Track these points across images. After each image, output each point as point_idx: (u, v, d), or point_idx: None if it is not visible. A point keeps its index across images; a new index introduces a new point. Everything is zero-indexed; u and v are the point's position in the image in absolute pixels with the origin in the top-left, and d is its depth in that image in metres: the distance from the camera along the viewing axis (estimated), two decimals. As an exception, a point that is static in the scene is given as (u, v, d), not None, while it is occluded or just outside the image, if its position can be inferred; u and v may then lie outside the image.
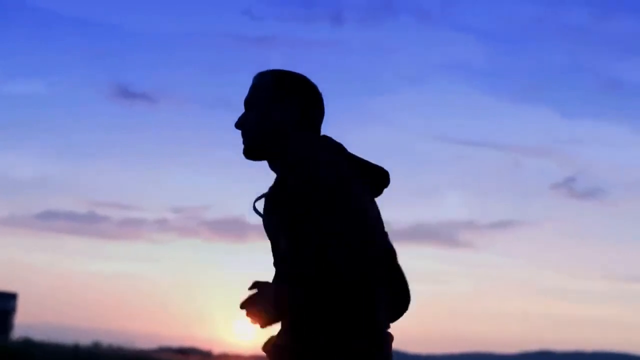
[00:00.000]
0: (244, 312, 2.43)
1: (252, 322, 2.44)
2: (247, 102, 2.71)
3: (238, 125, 2.69)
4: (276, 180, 2.52)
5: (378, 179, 2.64)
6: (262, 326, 2.43)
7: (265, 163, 2.68)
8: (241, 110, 2.71)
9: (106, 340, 26.64)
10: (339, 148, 2.62)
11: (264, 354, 2.58)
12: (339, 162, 2.54)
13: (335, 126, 2.75)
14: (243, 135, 2.69)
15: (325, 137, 2.66)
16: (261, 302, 2.40)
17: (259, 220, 2.59)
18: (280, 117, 2.63)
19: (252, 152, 2.68)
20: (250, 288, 2.43)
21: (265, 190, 2.56)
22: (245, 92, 2.72)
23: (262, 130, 2.64)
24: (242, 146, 2.69)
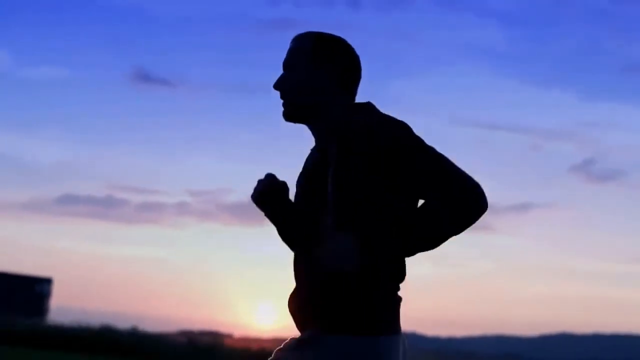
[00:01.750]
0: (265, 293, 2.75)
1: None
2: (286, 64, 2.72)
3: (277, 86, 2.70)
4: (339, 135, 2.60)
5: None
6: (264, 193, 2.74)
7: (288, 151, 2.94)
8: (259, 92, 2.90)
9: (125, 323, 26.96)
10: (381, 113, 2.65)
11: (284, 336, 2.70)
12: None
13: None
14: (282, 97, 2.70)
15: (369, 103, 2.69)
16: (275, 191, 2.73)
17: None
18: (321, 80, 2.65)
19: (293, 115, 2.69)
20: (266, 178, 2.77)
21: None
22: (263, 75, 2.81)
23: (303, 93, 2.66)
24: (271, 129, 2.85)
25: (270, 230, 2.79)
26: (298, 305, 2.63)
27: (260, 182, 2.72)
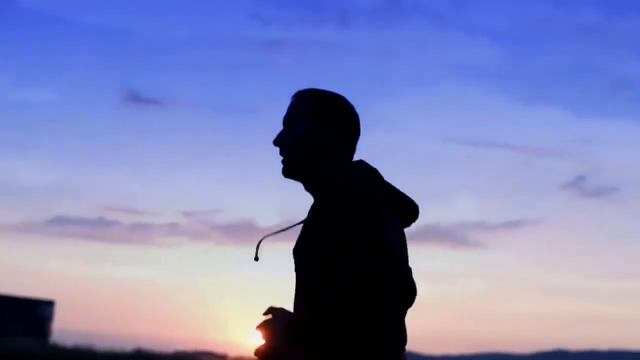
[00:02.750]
0: (257, 313, 2.45)
1: (262, 346, 2.44)
2: (287, 120, 2.70)
3: (276, 142, 2.69)
4: (321, 197, 2.56)
5: (408, 210, 2.63)
6: (265, 353, 2.43)
7: (289, 183, 2.69)
8: (247, 114, 2.75)
9: (119, 344, 26.92)
10: (374, 173, 2.61)
11: None
12: (376, 188, 2.54)
13: None
14: (282, 153, 2.68)
15: (361, 161, 2.65)
16: (273, 330, 2.42)
17: (270, 223, 2.71)
18: (321, 137, 2.64)
19: (292, 171, 2.67)
20: (265, 313, 2.45)
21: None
22: (254, 95, 2.72)
23: (303, 150, 2.65)
24: (263, 150, 2.67)
25: (263, 250, 2.72)
26: None
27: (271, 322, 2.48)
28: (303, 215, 2.67)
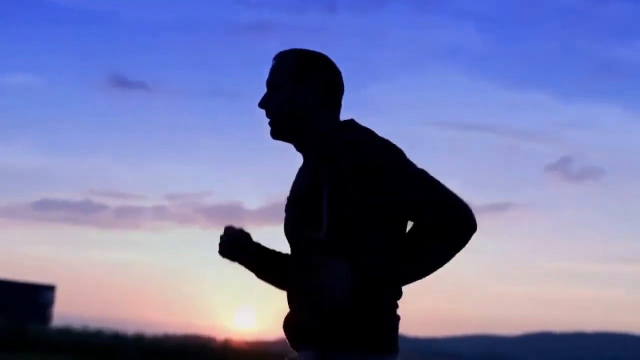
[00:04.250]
0: (244, 297, 2.76)
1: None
2: (270, 82, 2.71)
3: (261, 104, 2.71)
4: (321, 137, 2.62)
5: None
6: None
7: (266, 156, 2.92)
8: (233, 98, 2.96)
9: (109, 328, 27.07)
10: (366, 129, 2.63)
11: (266, 340, 2.86)
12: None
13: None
14: (268, 115, 2.70)
15: (352, 120, 2.68)
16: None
17: (256, 206, 2.83)
18: (305, 97, 2.65)
19: (279, 133, 2.70)
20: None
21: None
22: (239, 79, 2.92)
23: (288, 111, 2.66)
24: (249, 133, 2.87)
25: (250, 233, 2.79)
26: (296, 326, 2.62)
27: (221, 238, 2.76)
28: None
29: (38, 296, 38.23)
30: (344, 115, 2.72)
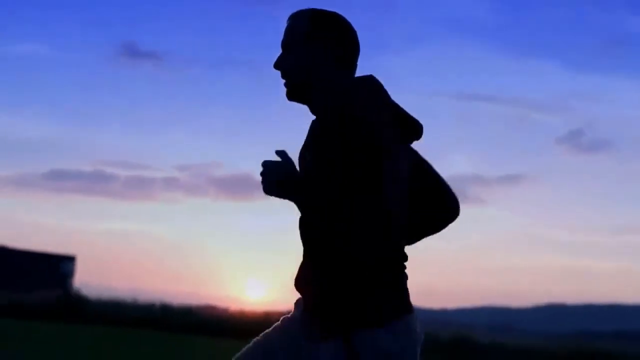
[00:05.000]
0: (254, 266, 2.75)
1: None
2: (284, 43, 2.70)
3: (276, 65, 2.69)
4: (327, 110, 2.56)
5: (412, 129, 2.64)
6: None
7: (277, 124, 2.88)
8: (243, 68, 3.03)
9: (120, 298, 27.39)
10: (380, 90, 2.57)
11: (276, 310, 2.93)
12: (380, 107, 2.52)
13: None
14: (283, 76, 2.68)
15: (370, 77, 2.61)
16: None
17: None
18: (320, 57, 2.64)
19: (295, 93, 2.67)
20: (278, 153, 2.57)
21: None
22: (251, 50, 2.93)
23: (303, 71, 2.64)
24: (259, 103, 2.92)
25: (260, 204, 2.76)
26: (314, 300, 2.60)
27: (270, 168, 2.55)
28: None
29: (58, 266, 38.53)
30: None
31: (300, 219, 2.61)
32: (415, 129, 2.64)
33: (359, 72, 2.70)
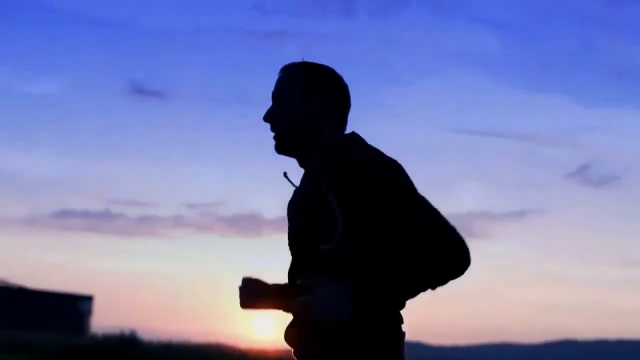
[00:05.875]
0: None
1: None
2: (276, 95, 2.64)
3: (266, 118, 2.63)
4: (331, 155, 2.55)
5: None
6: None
7: (284, 161, 2.67)
8: (254, 103, 2.91)
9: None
10: (370, 147, 2.58)
11: (287, 348, 2.60)
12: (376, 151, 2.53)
13: (350, 120, 2.69)
14: (273, 129, 2.63)
15: (354, 133, 2.62)
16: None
17: (275, 214, 2.74)
18: (311, 112, 2.58)
19: (284, 147, 2.62)
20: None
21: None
22: (258, 86, 2.88)
23: (294, 125, 2.59)
24: (260, 141, 2.64)
25: (266, 242, 2.72)
26: (298, 347, 2.59)
27: (241, 290, 2.63)
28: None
29: (75, 306, 38.49)
30: (355, 124, 2.68)
31: (289, 273, 2.62)
32: None
33: (367, 108, 2.68)
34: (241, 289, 2.62)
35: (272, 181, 2.64)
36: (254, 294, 2.61)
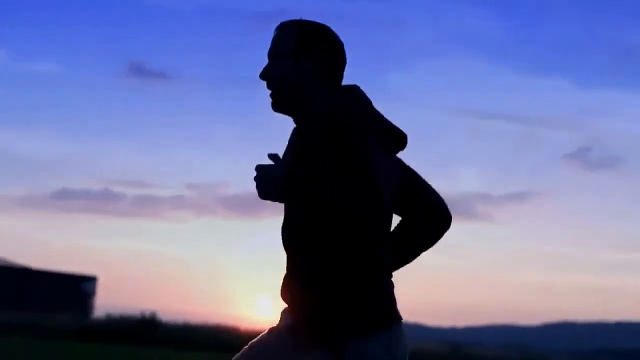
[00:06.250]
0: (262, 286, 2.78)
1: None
2: (271, 53, 2.67)
3: (262, 76, 2.66)
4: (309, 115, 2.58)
5: (395, 139, 2.61)
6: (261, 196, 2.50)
7: (284, 141, 2.67)
8: (254, 84, 2.68)
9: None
10: (365, 101, 2.59)
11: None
12: (358, 115, 2.52)
13: None
14: (269, 86, 2.65)
15: (355, 87, 2.63)
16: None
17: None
18: (307, 68, 2.61)
19: (281, 105, 2.64)
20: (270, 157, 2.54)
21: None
22: (259, 68, 2.68)
23: (290, 82, 2.61)
24: (261, 121, 2.89)
25: (267, 222, 2.68)
26: (301, 314, 2.59)
27: (264, 172, 2.49)
28: None
29: (79, 287, 38.54)
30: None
31: (284, 226, 2.62)
32: (400, 139, 2.62)
33: (367, 90, 2.63)
34: (258, 175, 2.49)
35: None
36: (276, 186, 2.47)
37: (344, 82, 2.69)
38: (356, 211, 2.40)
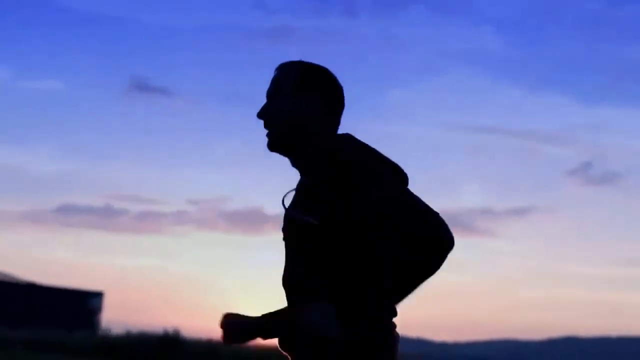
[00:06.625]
0: (264, 300, 2.69)
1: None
2: (271, 93, 2.64)
3: (260, 114, 2.63)
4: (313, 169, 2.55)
5: (401, 176, 2.55)
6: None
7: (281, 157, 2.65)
8: (255, 101, 2.67)
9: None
10: (362, 144, 2.54)
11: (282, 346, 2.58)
12: (366, 156, 2.48)
13: (352, 119, 2.69)
14: (267, 126, 2.62)
15: (349, 134, 2.59)
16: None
17: (278, 211, 2.60)
18: (305, 111, 2.58)
19: (277, 145, 2.61)
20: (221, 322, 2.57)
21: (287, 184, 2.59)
22: (260, 84, 2.65)
23: (286, 122, 2.58)
24: (262, 138, 2.64)
25: (269, 238, 2.68)
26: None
27: (223, 330, 2.60)
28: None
29: (85, 302, 38.58)
30: (358, 124, 2.63)
31: (288, 268, 2.60)
32: (403, 177, 2.55)
33: (369, 107, 2.72)
34: (223, 328, 2.58)
35: (274, 177, 2.64)
36: (236, 333, 2.59)
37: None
38: (384, 263, 2.42)
